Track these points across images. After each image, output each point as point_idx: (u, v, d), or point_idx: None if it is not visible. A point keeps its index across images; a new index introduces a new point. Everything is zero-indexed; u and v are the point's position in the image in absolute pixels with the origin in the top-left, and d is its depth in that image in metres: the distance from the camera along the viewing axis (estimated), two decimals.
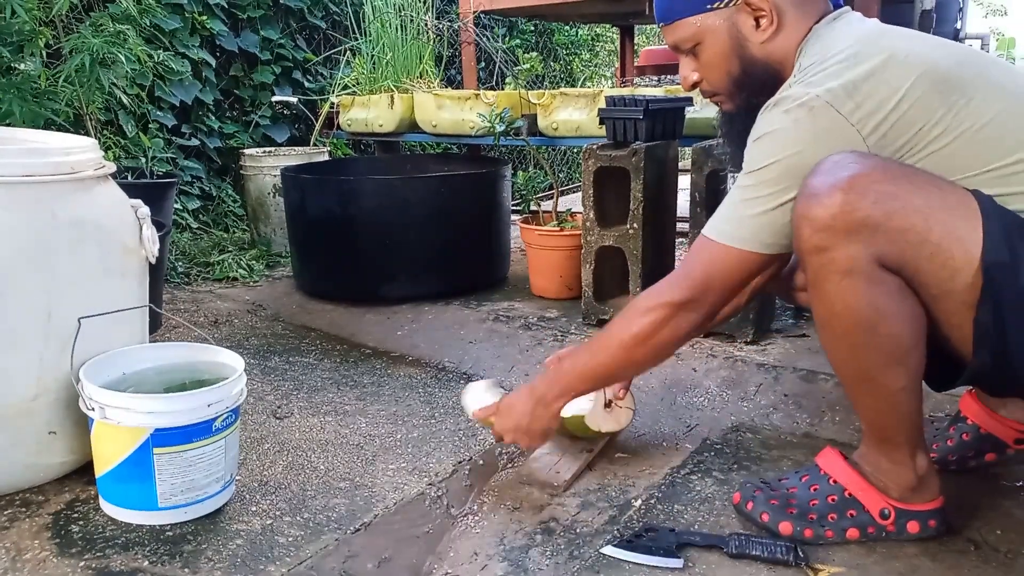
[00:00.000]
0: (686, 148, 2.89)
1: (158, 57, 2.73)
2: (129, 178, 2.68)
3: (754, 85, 1.27)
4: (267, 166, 3.25)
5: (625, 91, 2.72)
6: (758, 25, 1.24)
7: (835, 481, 1.22)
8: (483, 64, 4.67)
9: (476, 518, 1.32)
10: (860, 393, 1.15)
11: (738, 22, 1.24)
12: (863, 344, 1.09)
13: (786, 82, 1.21)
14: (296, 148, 3.57)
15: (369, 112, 3.29)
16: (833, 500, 1.21)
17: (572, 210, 2.77)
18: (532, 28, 5.41)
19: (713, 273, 1.20)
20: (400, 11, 3.47)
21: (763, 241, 1.17)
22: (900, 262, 1.04)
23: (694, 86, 1.33)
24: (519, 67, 2.78)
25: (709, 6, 1.25)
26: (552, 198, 2.75)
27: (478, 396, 1.53)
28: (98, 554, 1.22)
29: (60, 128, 2.44)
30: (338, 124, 3.50)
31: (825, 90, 1.11)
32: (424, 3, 3.59)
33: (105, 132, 2.91)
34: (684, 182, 2.53)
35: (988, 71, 1.13)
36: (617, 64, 5.11)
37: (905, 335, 1.08)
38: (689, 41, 1.29)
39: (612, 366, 1.31)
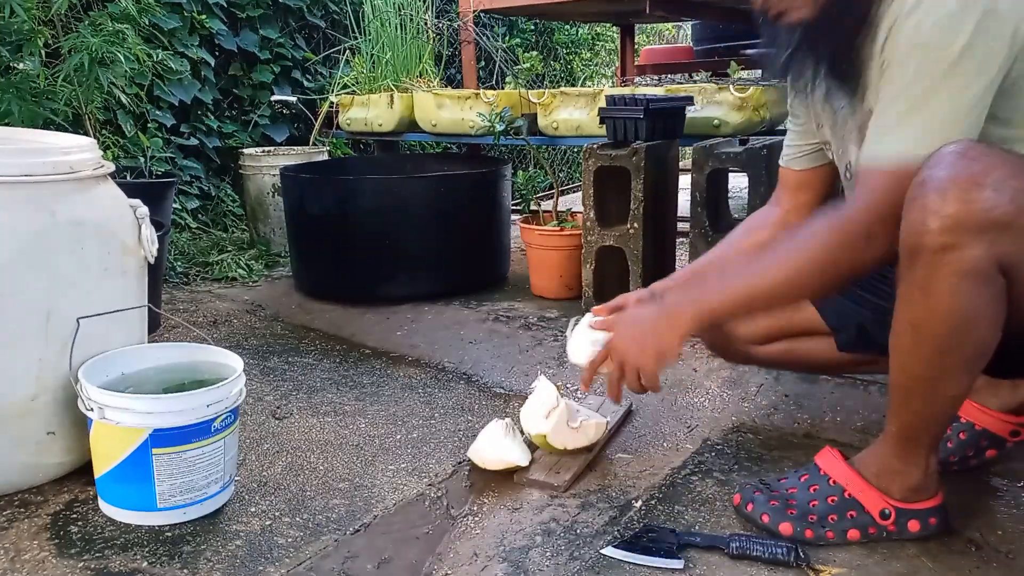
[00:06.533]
0: (686, 148, 2.89)
1: (157, 56, 2.73)
2: (128, 178, 2.67)
3: None
4: (266, 166, 3.25)
5: (625, 90, 2.72)
6: None
7: (835, 482, 1.22)
8: (483, 63, 4.67)
9: (476, 519, 1.32)
10: (914, 396, 1.11)
11: None
12: (950, 348, 1.04)
13: None
14: (295, 148, 3.57)
15: (368, 111, 3.28)
16: (833, 501, 1.21)
17: (572, 210, 2.77)
18: (532, 27, 5.40)
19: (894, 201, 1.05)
20: (400, 10, 3.46)
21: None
22: (1013, 262, 1.00)
23: None
24: (519, 66, 2.78)
25: None
26: (552, 198, 2.75)
27: (583, 338, 1.39)
28: (97, 555, 1.22)
29: (59, 128, 2.44)
30: (337, 123, 3.50)
31: None
32: (424, 2, 3.59)
33: (104, 132, 2.91)
34: (684, 182, 2.53)
35: None
36: (617, 63, 5.11)
37: (989, 340, 1.04)
38: None
39: (770, 289, 1.14)
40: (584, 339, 1.40)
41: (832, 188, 1.47)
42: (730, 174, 2.20)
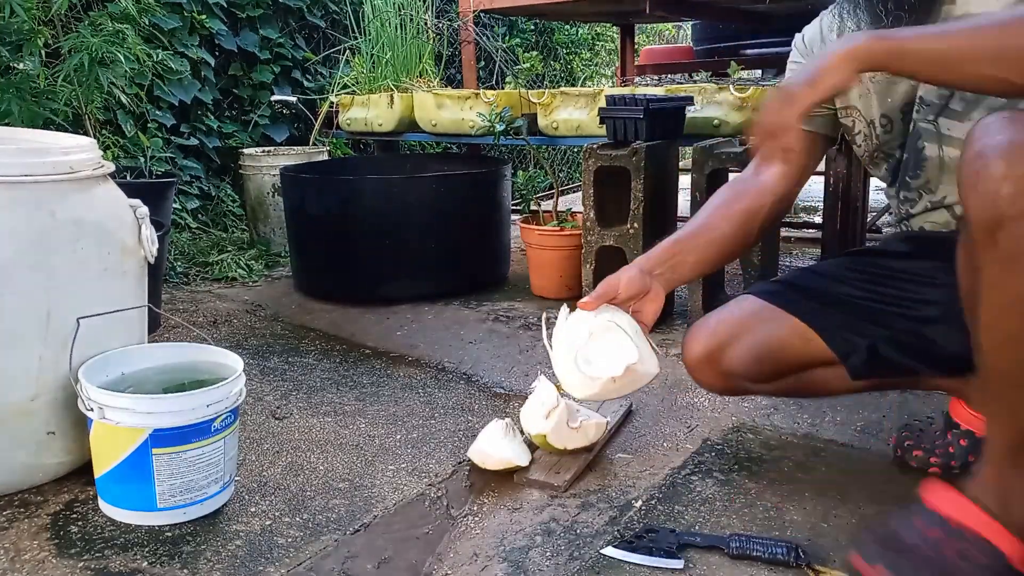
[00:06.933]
0: (687, 148, 2.89)
1: (157, 56, 2.73)
2: (128, 178, 2.67)
3: None
4: (266, 166, 3.25)
5: (625, 90, 2.72)
6: None
7: (960, 524, 1.01)
8: (483, 63, 4.67)
9: (476, 519, 1.32)
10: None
11: None
12: None
13: None
14: (295, 148, 3.57)
15: (369, 111, 3.28)
16: (969, 552, 1.00)
17: (572, 210, 2.77)
18: (532, 27, 5.40)
19: None
20: (400, 10, 3.46)
21: None
22: None
23: None
24: (519, 66, 2.78)
25: None
26: (552, 198, 2.75)
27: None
28: (97, 555, 1.22)
29: (59, 128, 2.44)
30: (337, 123, 3.50)
31: None
32: (424, 2, 3.59)
33: (104, 132, 2.91)
34: (684, 182, 2.53)
35: None
36: (617, 63, 5.11)
37: None
38: None
39: (970, 51, 0.99)
40: (572, 356, 1.36)
41: (816, 164, 1.42)
42: (730, 174, 2.20)
